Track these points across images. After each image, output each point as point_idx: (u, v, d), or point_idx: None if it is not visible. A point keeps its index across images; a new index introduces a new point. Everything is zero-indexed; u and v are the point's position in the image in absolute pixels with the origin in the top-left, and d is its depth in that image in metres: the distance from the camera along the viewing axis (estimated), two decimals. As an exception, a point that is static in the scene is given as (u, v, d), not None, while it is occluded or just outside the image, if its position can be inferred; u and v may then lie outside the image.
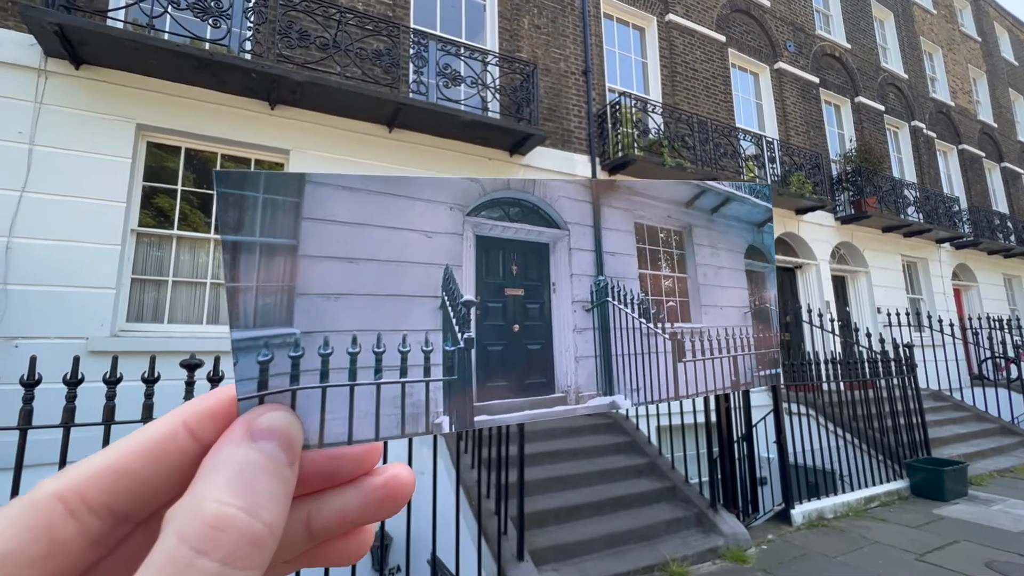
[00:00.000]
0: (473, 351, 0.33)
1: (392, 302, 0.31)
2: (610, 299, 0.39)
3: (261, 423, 0.26)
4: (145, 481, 0.25)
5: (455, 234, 0.34)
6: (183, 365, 2.70)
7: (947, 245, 13.74)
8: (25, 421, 2.43)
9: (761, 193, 0.44)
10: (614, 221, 0.40)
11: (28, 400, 2.44)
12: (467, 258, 0.34)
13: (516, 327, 0.37)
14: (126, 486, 0.25)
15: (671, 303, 0.41)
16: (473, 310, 0.34)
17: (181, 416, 0.27)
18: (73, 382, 2.52)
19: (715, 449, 5.27)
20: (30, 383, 2.42)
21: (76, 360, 2.60)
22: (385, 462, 0.30)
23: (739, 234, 0.44)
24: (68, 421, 2.51)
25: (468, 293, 0.34)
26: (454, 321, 0.33)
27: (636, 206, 0.40)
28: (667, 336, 0.40)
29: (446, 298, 0.33)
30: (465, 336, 0.33)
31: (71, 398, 2.53)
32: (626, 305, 0.39)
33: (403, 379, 0.31)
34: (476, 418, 0.32)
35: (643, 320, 0.40)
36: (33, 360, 2.46)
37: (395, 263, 0.31)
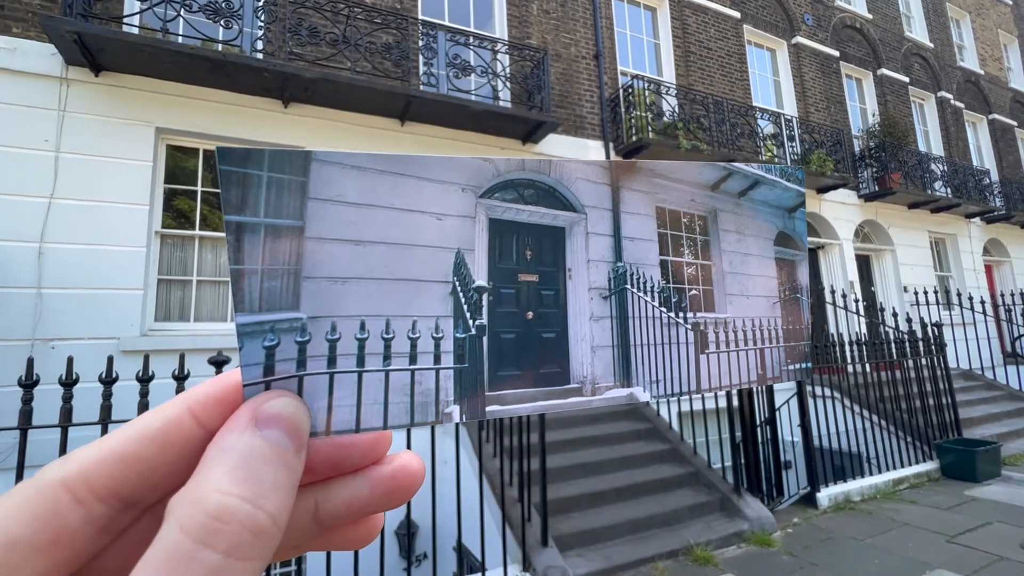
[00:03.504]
0: (485, 339, 0.32)
1: (402, 287, 0.30)
2: (629, 286, 0.37)
3: (267, 409, 0.25)
4: (151, 467, 0.25)
5: (467, 217, 0.33)
6: (211, 362, 2.77)
7: (977, 220, 13.25)
8: (65, 419, 2.53)
9: (793, 176, 0.42)
10: (634, 205, 0.38)
11: (67, 399, 2.54)
12: (479, 242, 0.33)
13: (530, 314, 0.36)
14: (132, 472, 0.24)
15: (694, 292, 0.39)
16: (485, 296, 0.33)
17: (186, 402, 0.26)
18: (109, 381, 2.61)
19: (738, 434, 5.21)
20: (68, 383, 2.51)
21: (110, 360, 2.69)
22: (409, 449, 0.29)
23: (768, 219, 0.41)
24: (105, 418, 2.60)
25: (480, 278, 0.33)
26: (465, 307, 0.32)
27: (657, 189, 0.38)
28: (689, 326, 0.39)
29: (457, 283, 0.32)
30: (477, 323, 0.32)
31: (107, 396, 2.62)
32: (646, 293, 0.37)
33: (412, 366, 0.30)
34: (488, 408, 0.31)
35: (664, 309, 0.38)
36: (70, 360, 2.56)
37: (404, 246, 0.30)
